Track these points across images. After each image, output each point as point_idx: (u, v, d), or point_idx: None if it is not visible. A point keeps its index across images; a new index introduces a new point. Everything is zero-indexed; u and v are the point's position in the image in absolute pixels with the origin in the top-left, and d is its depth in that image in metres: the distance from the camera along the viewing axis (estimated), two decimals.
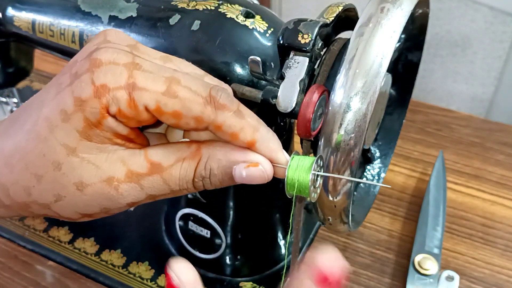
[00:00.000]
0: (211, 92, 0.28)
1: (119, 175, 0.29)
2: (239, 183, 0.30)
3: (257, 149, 0.30)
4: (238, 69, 0.39)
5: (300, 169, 0.30)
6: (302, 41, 0.35)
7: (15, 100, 0.65)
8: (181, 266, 0.27)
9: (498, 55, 1.18)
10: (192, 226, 0.52)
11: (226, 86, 0.31)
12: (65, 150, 0.28)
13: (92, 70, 0.28)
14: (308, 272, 0.26)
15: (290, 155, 0.31)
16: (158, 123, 0.30)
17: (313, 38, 0.35)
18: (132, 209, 0.35)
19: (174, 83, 0.28)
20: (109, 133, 0.28)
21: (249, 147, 0.29)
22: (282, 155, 0.30)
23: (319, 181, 0.32)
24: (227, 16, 0.40)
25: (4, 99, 0.65)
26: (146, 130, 0.34)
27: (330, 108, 0.33)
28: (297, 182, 0.30)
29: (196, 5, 0.41)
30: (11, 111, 0.65)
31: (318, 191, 0.32)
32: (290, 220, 0.35)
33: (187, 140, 0.33)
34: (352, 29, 0.34)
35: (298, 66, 0.35)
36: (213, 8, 0.40)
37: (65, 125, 0.28)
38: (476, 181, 0.65)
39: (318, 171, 0.31)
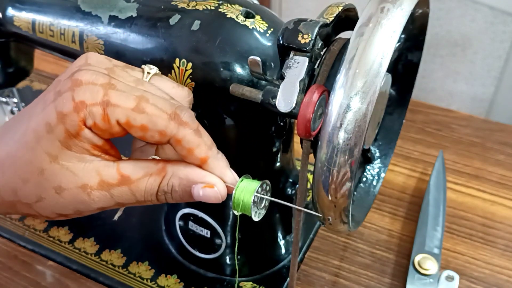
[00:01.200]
0: (176, 110, 0.32)
1: (92, 183, 0.33)
2: (197, 200, 0.34)
3: (209, 165, 0.34)
4: (238, 69, 0.39)
5: (245, 191, 0.34)
6: (302, 41, 0.35)
7: (15, 100, 0.65)
8: None
9: (498, 55, 1.18)
10: (192, 226, 0.52)
11: (188, 109, 0.35)
12: (48, 158, 0.32)
13: (73, 89, 0.32)
14: None
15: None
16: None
17: (313, 38, 0.35)
18: (116, 218, 0.39)
19: (143, 101, 0.32)
20: (86, 143, 0.32)
21: (202, 162, 0.34)
22: (230, 173, 0.35)
23: (264, 203, 0.36)
24: (227, 16, 0.40)
25: (4, 99, 0.65)
26: None
27: (330, 108, 0.33)
28: (241, 202, 0.34)
29: (196, 5, 0.41)
30: (11, 111, 0.65)
31: (263, 212, 0.37)
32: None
33: (157, 158, 0.37)
34: (352, 29, 0.34)
35: (298, 66, 0.35)
36: (213, 8, 0.40)
37: (49, 136, 0.32)
38: (476, 181, 0.65)
39: (263, 195, 0.35)
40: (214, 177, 0.34)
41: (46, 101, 0.33)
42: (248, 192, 0.34)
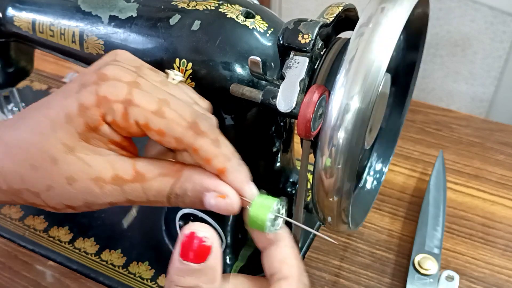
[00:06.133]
0: (196, 119, 0.32)
1: (106, 176, 0.32)
2: (208, 209, 0.33)
3: (226, 177, 0.33)
4: (238, 69, 0.39)
5: (262, 208, 0.33)
6: (302, 41, 0.35)
7: (11, 107, 0.65)
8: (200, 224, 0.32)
9: (498, 55, 1.18)
10: None
11: (212, 116, 0.34)
12: (63, 147, 0.32)
13: (98, 83, 0.32)
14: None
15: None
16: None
17: (313, 38, 0.35)
18: (125, 226, 0.38)
19: (165, 105, 0.31)
20: (104, 138, 0.32)
21: (219, 174, 0.32)
22: (248, 187, 0.33)
23: (279, 220, 0.35)
24: (227, 16, 0.40)
25: (3, 100, 0.65)
26: None
27: (330, 108, 0.33)
28: (258, 219, 0.33)
29: (196, 5, 0.41)
30: (11, 111, 0.65)
31: (278, 227, 0.35)
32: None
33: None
34: (352, 29, 0.34)
35: (298, 66, 0.35)
36: (213, 8, 0.40)
37: (68, 126, 0.32)
38: (476, 181, 0.65)
39: (278, 213, 0.34)
40: (229, 187, 0.33)
41: (68, 92, 0.33)
42: (264, 210, 0.33)
